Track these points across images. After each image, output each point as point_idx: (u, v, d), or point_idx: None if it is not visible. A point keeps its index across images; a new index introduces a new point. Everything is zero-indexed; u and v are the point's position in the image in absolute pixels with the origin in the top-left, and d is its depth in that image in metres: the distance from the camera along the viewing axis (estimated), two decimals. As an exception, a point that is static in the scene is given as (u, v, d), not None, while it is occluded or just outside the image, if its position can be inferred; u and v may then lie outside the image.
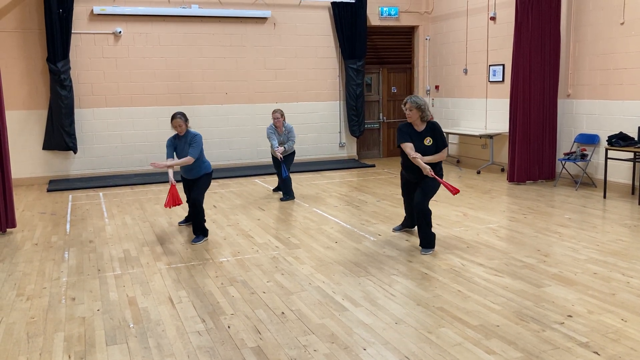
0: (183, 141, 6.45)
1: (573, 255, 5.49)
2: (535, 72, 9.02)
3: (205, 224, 6.55)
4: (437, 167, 5.73)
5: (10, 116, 9.55)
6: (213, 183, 9.83)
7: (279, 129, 8.33)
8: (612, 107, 8.47)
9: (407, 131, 5.71)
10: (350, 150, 12.38)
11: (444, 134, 5.82)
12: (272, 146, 8.27)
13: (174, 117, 6.42)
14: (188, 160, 6.32)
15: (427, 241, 5.71)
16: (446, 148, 5.71)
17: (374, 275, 5.05)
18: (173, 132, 6.59)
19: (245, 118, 11.43)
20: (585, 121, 8.95)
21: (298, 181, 9.83)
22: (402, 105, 5.73)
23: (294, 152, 8.65)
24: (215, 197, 8.71)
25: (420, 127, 5.69)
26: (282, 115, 8.31)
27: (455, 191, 5.58)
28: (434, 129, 5.68)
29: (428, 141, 5.64)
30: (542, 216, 7.08)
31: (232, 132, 11.40)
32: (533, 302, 4.37)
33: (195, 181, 6.55)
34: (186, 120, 6.48)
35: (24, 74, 9.99)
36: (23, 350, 3.78)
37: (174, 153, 6.53)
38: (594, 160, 8.78)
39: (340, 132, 12.23)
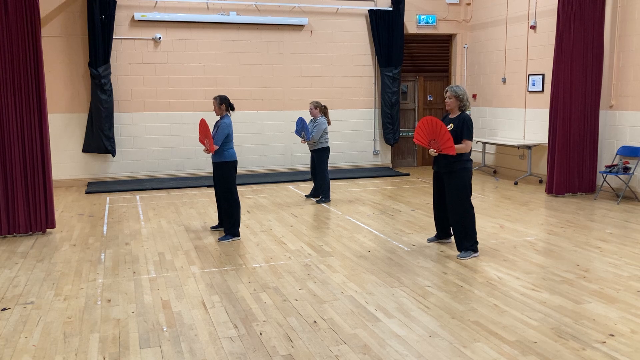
0: (217, 124, 6.66)
1: (615, 272, 5.31)
2: (576, 82, 8.82)
3: (239, 226, 6.66)
4: (455, 163, 5.77)
5: (52, 119, 9.82)
6: (246, 189, 9.89)
7: (315, 118, 8.75)
8: (658, 119, 8.22)
9: (443, 117, 6.05)
10: (385, 159, 12.31)
11: (470, 129, 5.77)
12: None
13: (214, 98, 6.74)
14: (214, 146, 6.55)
15: (462, 244, 5.86)
16: (465, 142, 5.70)
17: (408, 287, 4.98)
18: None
19: (281, 124, 11.48)
20: (629, 133, 8.69)
21: (332, 188, 9.79)
22: (444, 93, 5.96)
23: (323, 149, 8.72)
24: (249, 202, 8.75)
25: (454, 114, 5.90)
26: (316, 107, 8.67)
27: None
28: (461, 119, 5.81)
29: (450, 126, 5.80)
30: (582, 230, 6.89)
31: (267, 139, 11.46)
32: (572, 319, 4.24)
33: (215, 169, 6.65)
34: (221, 102, 6.65)
35: (66, 78, 10.25)
36: (60, 349, 3.84)
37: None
38: (638, 173, 8.51)
39: (374, 140, 12.17)
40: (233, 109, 6.73)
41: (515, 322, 4.18)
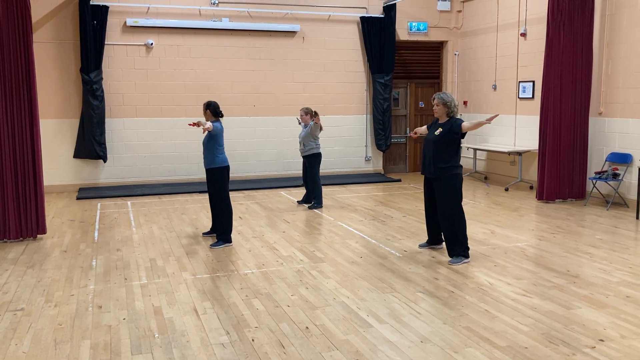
0: None
1: (604, 277, 5.36)
2: (566, 89, 8.90)
3: (231, 232, 6.65)
4: (445, 169, 5.83)
5: (43, 124, 9.77)
6: (238, 195, 9.89)
7: (305, 124, 8.85)
8: (646, 126, 8.30)
9: (432, 122, 6.18)
10: (376, 165, 12.35)
11: (460, 124, 5.81)
12: None
13: None
14: (209, 126, 6.35)
15: (454, 250, 5.89)
16: (463, 125, 5.75)
17: (400, 292, 4.99)
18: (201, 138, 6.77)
19: (273, 130, 11.50)
20: (618, 140, 8.78)
21: (324, 194, 9.80)
22: (432, 100, 6.03)
23: (314, 155, 8.74)
24: (241, 208, 8.75)
25: (443, 120, 5.96)
26: (307, 113, 8.76)
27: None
28: (449, 122, 5.87)
29: (438, 131, 5.88)
30: (572, 236, 6.94)
31: (259, 144, 11.47)
32: (563, 324, 4.27)
33: (208, 175, 6.59)
34: (207, 108, 6.61)
35: (58, 83, 10.22)
36: (50, 356, 3.82)
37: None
38: (627, 180, 8.59)
39: (366, 146, 12.21)
40: (221, 116, 6.66)
41: (506, 328, 4.21)
